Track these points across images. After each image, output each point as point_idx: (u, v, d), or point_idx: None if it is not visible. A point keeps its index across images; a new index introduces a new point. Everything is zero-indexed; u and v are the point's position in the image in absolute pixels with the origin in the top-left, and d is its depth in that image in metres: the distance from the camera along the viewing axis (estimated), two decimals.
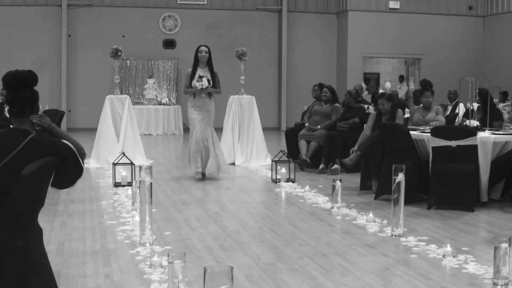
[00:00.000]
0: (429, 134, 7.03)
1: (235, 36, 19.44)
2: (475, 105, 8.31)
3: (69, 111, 18.61)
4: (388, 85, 15.53)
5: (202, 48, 9.06)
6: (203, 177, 8.85)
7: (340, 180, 6.99)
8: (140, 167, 5.21)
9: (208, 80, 8.82)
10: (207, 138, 8.86)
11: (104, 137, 10.47)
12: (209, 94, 8.98)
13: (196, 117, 8.89)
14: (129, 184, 8.06)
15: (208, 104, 8.97)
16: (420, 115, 8.53)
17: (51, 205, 6.83)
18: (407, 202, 6.06)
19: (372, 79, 21.41)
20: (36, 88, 3.47)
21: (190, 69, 9.08)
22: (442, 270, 4.63)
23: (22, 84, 3.36)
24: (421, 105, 8.71)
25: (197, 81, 8.80)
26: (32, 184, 3.19)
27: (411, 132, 7.38)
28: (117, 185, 8.28)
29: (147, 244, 5.18)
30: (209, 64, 9.04)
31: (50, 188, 3.44)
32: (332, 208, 6.90)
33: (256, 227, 6.04)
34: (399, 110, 8.74)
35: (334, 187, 6.91)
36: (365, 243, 5.42)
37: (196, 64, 9.02)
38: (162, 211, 6.73)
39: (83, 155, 3.42)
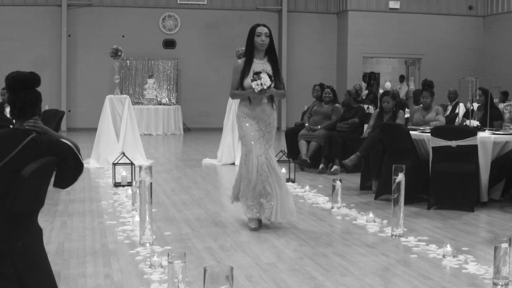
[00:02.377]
0: (429, 134, 7.03)
1: (235, 36, 19.42)
2: (475, 105, 8.30)
3: (69, 111, 18.62)
4: (388, 85, 15.53)
5: (261, 29, 5.92)
6: (259, 226, 5.93)
7: (340, 180, 6.98)
8: (140, 167, 5.21)
9: (270, 77, 5.70)
10: (271, 169, 5.88)
11: (104, 137, 10.47)
12: (271, 99, 5.95)
13: (252, 134, 5.85)
14: (129, 184, 8.06)
15: (269, 114, 5.92)
16: (420, 115, 8.53)
17: (51, 205, 6.83)
18: (407, 202, 6.06)
19: (371, 77, 21.40)
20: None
21: (240, 61, 5.99)
22: (442, 270, 4.63)
23: (23, 86, 3.37)
24: (421, 105, 8.71)
25: (253, 79, 5.70)
26: (32, 184, 3.19)
27: (411, 132, 7.37)
28: (117, 185, 8.28)
29: (147, 244, 5.18)
30: (270, 53, 5.97)
31: (50, 188, 3.45)
32: (332, 208, 6.89)
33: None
34: (401, 111, 8.76)
35: (334, 187, 6.91)
36: (365, 243, 5.42)
37: (250, 53, 5.94)
38: (162, 211, 6.73)
39: (79, 152, 3.45)
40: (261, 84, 5.63)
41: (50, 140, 3.33)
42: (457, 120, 10.01)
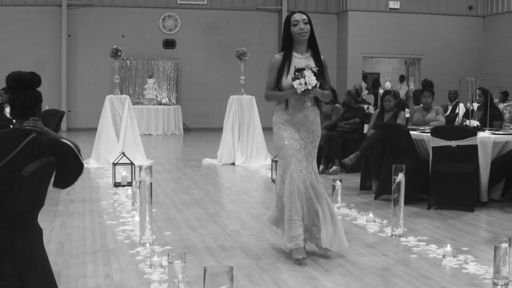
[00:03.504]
0: (429, 134, 7.03)
1: (235, 36, 19.44)
2: (475, 105, 8.31)
3: (69, 111, 18.62)
4: (388, 85, 15.53)
5: (298, 16, 4.95)
6: (303, 257, 4.76)
7: (340, 180, 6.99)
8: (140, 167, 5.21)
9: (315, 74, 4.68)
10: (313, 189, 4.89)
11: (104, 137, 10.48)
12: (316, 100, 4.99)
13: (291, 144, 4.86)
14: (129, 184, 8.06)
15: (313, 120, 4.97)
16: (420, 115, 8.54)
17: (51, 205, 6.83)
18: (407, 202, 6.06)
19: (371, 78, 21.40)
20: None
21: (278, 55, 4.98)
22: (442, 270, 4.63)
23: (23, 86, 3.37)
24: (421, 105, 8.72)
25: (294, 77, 4.70)
26: (32, 184, 3.19)
27: (411, 132, 7.37)
28: (117, 185, 8.28)
29: (147, 244, 5.18)
30: (312, 45, 5.00)
31: (50, 188, 3.45)
32: None
33: (256, 227, 6.03)
34: (402, 111, 8.75)
35: (334, 187, 6.91)
36: (365, 243, 5.42)
37: (288, 46, 4.94)
38: (162, 211, 6.73)
39: (79, 152, 3.46)
40: (305, 83, 4.63)
41: (50, 140, 3.34)
42: (457, 120, 10.01)
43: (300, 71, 4.69)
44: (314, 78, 4.63)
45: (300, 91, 4.66)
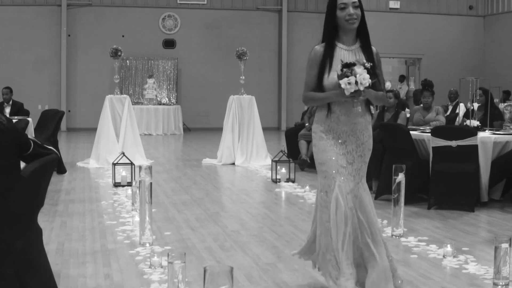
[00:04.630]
0: (429, 134, 7.03)
1: (235, 36, 19.44)
2: (476, 105, 8.31)
3: (69, 111, 18.62)
4: (388, 85, 15.54)
5: None
6: None
7: None
8: (140, 167, 5.20)
9: (368, 71, 3.68)
10: (361, 213, 3.92)
11: (104, 137, 10.47)
12: (367, 103, 3.99)
13: (335, 160, 3.88)
14: (129, 184, 8.06)
15: (363, 129, 3.94)
16: (420, 115, 8.54)
17: (51, 205, 6.82)
18: (407, 202, 6.05)
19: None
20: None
21: (319, 47, 3.94)
22: (442, 270, 4.62)
23: None
24: (421, 105, 8.72)
25: (341, 74, 3.69)
26: (32, 184, 3.19)
27: (411, 132, 7.37)
28: (117, 185, 8.28)
29: (147, 244, 5.17)
30: (363, 35, 4.02)
31: (50, 188, 3.44)
32: None
33: (256, 227, 6.03)
34: (403, 112, 8.75)
35: None
36: None
37: (332, 35, 3.93)
38: (162, 211, 6.73)
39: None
40: (356, 82, 3.64)
41: (14, 128, 3.33)
42: (457, 120, 10.01)
43: (349, 66, 3.70)
44: (368, 76, 3.65)
45: (349, 93, 3.66)
